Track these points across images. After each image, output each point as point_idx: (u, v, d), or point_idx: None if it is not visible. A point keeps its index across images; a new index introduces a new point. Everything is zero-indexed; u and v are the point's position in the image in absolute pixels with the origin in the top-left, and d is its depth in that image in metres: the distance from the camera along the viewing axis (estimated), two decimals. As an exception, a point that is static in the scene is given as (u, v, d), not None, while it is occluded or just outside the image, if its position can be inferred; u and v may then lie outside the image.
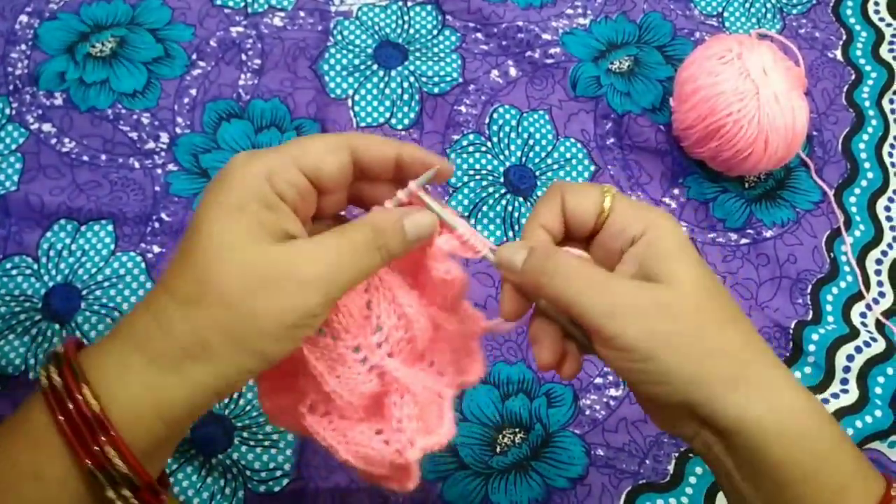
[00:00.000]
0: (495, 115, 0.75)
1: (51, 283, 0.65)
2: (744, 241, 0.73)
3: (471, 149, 0.74)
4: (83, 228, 0.67)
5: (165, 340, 0.36)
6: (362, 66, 0.76)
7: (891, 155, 0.77)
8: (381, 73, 0.76)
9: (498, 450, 0.64)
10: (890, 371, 0.68)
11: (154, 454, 0.37)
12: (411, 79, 0.76)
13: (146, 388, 0.36)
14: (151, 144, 0.71)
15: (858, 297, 0.72)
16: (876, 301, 0.72)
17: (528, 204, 0.72)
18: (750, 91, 0.67)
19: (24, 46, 0.73)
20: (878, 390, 0.67)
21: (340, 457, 0.42)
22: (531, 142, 0.74)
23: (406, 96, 0.75)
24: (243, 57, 0.75)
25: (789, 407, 0.38)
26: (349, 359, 0.41)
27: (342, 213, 0.45)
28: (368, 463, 0.41)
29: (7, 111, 0.71)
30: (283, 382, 0.44)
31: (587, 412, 0.65)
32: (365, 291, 0.42)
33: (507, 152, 0.74)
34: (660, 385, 0.38)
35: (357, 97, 0.75)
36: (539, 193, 0.72)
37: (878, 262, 0.73)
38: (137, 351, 0.36)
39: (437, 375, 0.45)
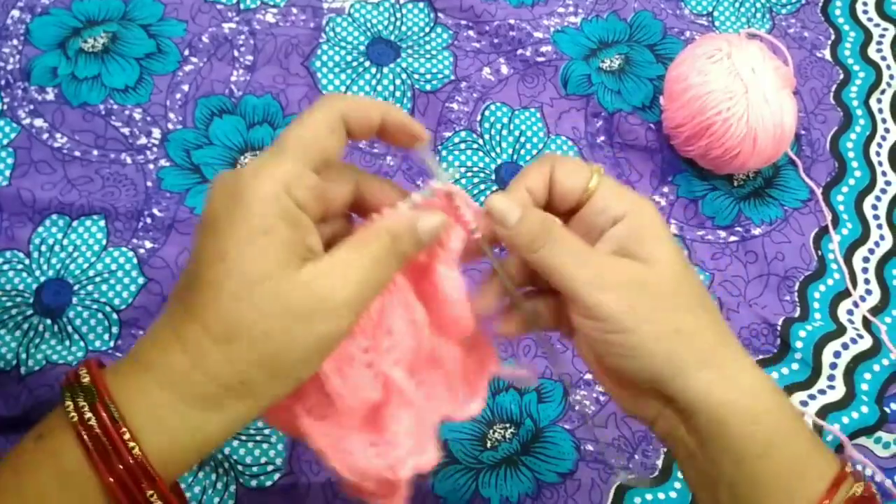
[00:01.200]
0: (487, 113, 0.75)
1: (42, 278, 0.65)
2: (732, 238, 0.73)
3: (462, 146, 0.74)
4: (75, 223, 0.67)
5: (206, 381, 0.36)
6: (354, 63, 0.76)
7: (878, 154, 0.78)
8: (373, 70, 0.76)
9: (488, 445, 0.64)
10: (876, 367, 0.69)
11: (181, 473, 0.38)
12: (403, 76, 0.76)
13: (186, 430, 0.36)
14: (143, 140, 0.71)
15: (845, 294, 0.72)
16: (863, 298, 0.72)
17: (520, 201, 0.72)
18: (739, 90, 0.68)
19: (15, 41, 0.73)
20: (865, 387, 0.68)
21: (331, 464, 0.41)
22: (522, 139, 0.75)
23: (398, 93, 0.75)
24: (235, 53, 0.75)
25: (750, 388, 0.41)
26: (358, 360, 0.40)
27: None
28: (358, 475, 0.41)
29: (-2, 106, 0.71)
30: None
31: (577, 407, 0.66)
32: (380, 294, 0.41)
33: (498, 149, 0.74)
34: (631, 359, 0.40)
35: (349, 93, 0.75)
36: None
37: (865, 259, 0.74)
38: (173, 390, 0.36)
39: (426, 400, 0.44)
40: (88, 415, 0.35)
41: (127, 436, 0.34)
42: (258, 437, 0.62)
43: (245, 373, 0.36)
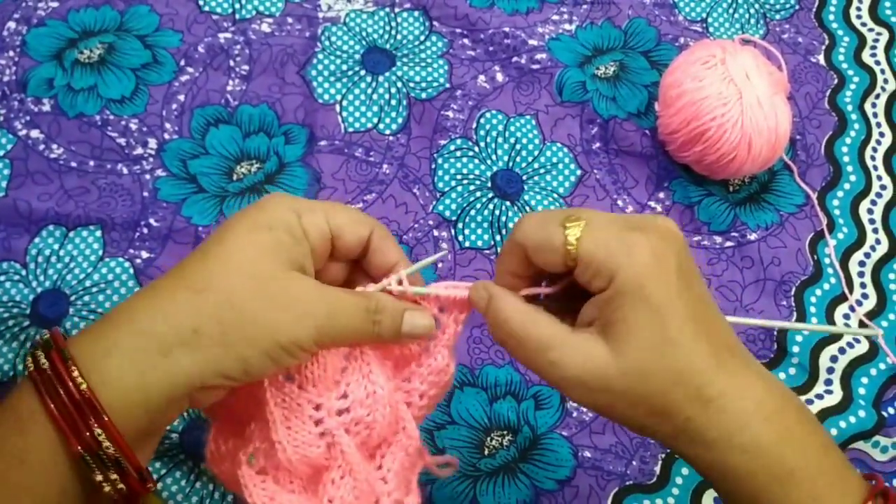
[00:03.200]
0: (482, 121, 0.76)
1: (39, 289, 0.65)
2: (728, 243, 0.74)
3: (458, 153, 0.74)
4: (71, 234, 0.67)
5: (162, 322, 0.37)
6: (350, 72, 0.76)
7: (873, 158, 0.78)
8: (368, 78, 0.76)
9: (486, 452, 0.64)
10: (873, 372, 0.69)
11: (137, 444, 0.37)
12: (399, 84, 0.76)
13: (132, 368, 0.37)
14: (140, 150, 0.71)
15: (842, 298, 0.72)
16: (859, 303, 0.72)
17: (516, 208, 0.72)
18: (733, 95, 0.68)
19: (11, 53, 0.73)
20: (862, 391, 0.68)
21: None
22: (518, 146, 0.75)
23: (394, 101, 0.76)
24: (231, 63, 0.75)
25: (729, 449, 0.39)
26: (306, 413, 0.41)
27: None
28: None
29: (-5, 117, 0.71)
30: (233, 427, 0.44)
31: (574, 414, 0.66)
32: (345, 357, 0.43)
33: (494, 157, 0.75)
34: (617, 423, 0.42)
35: (345, 102, 0.75)
36: (526, 198, 0.73)
37: (861, 264, 0.74)
38: (132, 332, 0.37)
39: (381, 481, 0.44)
40: (43, 361, 0.36)
41: (75, 373, 0.35)
42: (255, 447, 0.62)
43: (201, 322, 0.37)
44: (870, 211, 0.76)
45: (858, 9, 0.85)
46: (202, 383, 0.38)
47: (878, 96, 0.81)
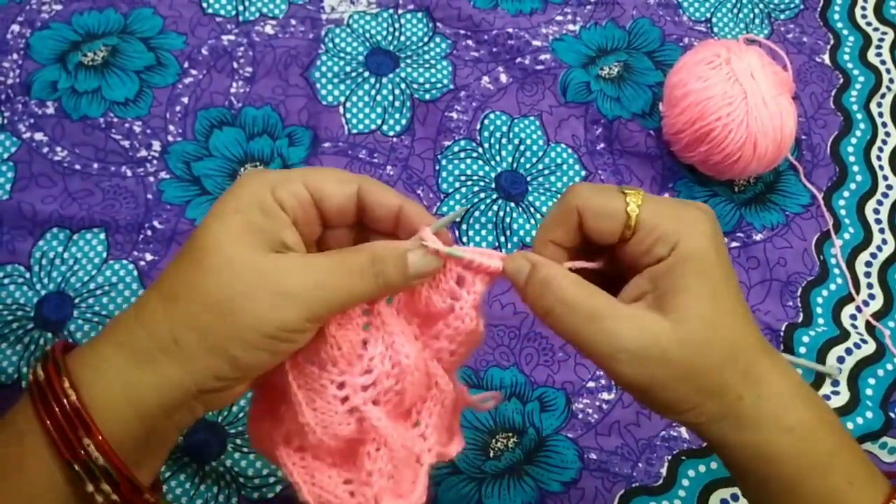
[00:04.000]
0: (486, 122, 0.75)
1: (43, 292, 0.65)
2: (734, 244, 0.73)
3: (462, 155, 0.74)
4: (75, 237, 0.67)
5: (145, 335, 0.37)
6: (354, 74, 0.76)
7: (879, 158, 0.78)
8: (372, 80, 0.76)
9: (491, 454, 0.64)
10: (881, 372, 0.68)
11: (136, 454, 0.37)
12: (402, 85, 0.76)
13: (121, 382, 0.36)
14: (143, 152, 0.71)
15: (848, 299, 0.72)
16: (866, 303, 0.72)
17: (520, 209, 0.72)
18: (738, 95, 0.68)
19: (15, 56, 0.73)
20: (869, 392, 0.68)
21: (303, 496, 0.41)
22: (522, 147, 0.75)
23: (397, 103, 0.76)
24: (235, 65, 0.75)
25: (776, 429, 0.38)
26: (329, 393, 0.40)
27: None
28: None
29: (-1, 120, 0.71)
30: (271, 408, 0.43)
31: (580, 416, 0.66)
32: (364, 329, 0.41)
33: (498, 158, 0.74)
34: (655, 409, 0.40)
35: (349, 104, 0.75)
36: (530, 199, 0.73)
37: (868, 264, 0.74)
38: (117, 346, 0.37)
39: (420, 438, 0.43)
40: (40, 372, 0.37)
41: (66, 384, 0.35)
42: (260, 449, 0.62)
43: (178, 332, 0.36)
44: (876, 211, 0.76)
45: (864, 8, 0.85)
46: (197, 388, 0.37)
47: (883, 96, 0.81)
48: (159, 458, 0.40)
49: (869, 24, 0.84)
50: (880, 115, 0.80)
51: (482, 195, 0.73)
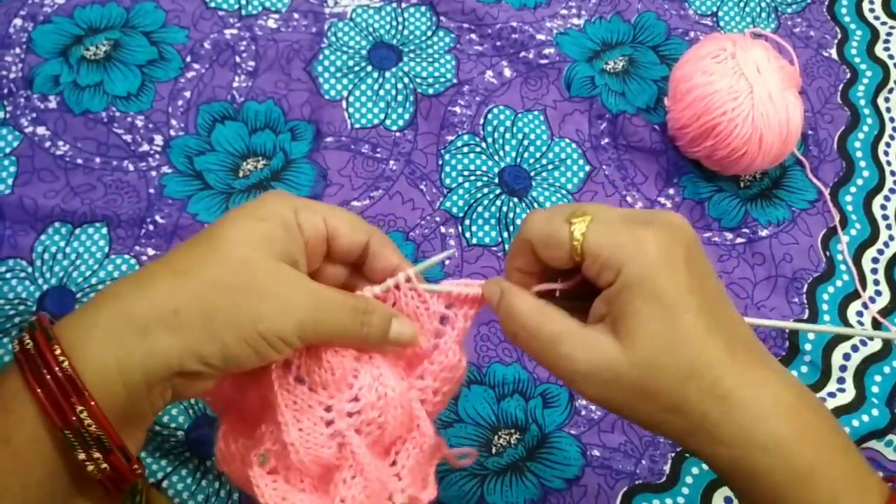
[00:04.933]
0: (490, 116, 0.75)
1: (45, 286, 0.65)
2: (739, 240, 0.73)
3: (465, 149, 0.74)
4: (77, 231, 0.67)
5: (144, 303, 0.37)
6: (356, 68, 0.76)
7: (886, 153, 0.77)
8: (375, 74, 0.76)
9: (493, 451, 0.64)
10: (887, 370, 0.68)
11: (121, 428, 0.37)
12: (406, 80, 0.76)
13: (113, 349, 0.36)
14: (146, 147, 0.71)
15: (854, 295, 0.71)
16: (872, 300, 0.71)
17: (524, 204, 0.72)
18: (744, 90, 0.67)
19: (18, 50, 0.73)
20: (875, 389, 0.67)
21: None
22: (526, 142, 0.74)
23: (400, 97, 0.75)
24: (237, 59, 0.75)
25: (748, 445, 0.38)
26: (317, 414, 0.41)
27: None
28: None
29: (1, 115, 0.71)
30: (243, 428, 0.44)
31: (583, 412, 0.65)
32: (355, 360, 0.43)
33: (501, 153, 0.74)
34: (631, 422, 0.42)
35: (351, 98, 0.75)
36: (534, 194, 0.72)
37: (875, 260, 0.73)
38: (113, 312, 0.37)
39: (395, 478, 0.44)
40: (28, 341, 0.36)
41: (57, 351, 0.35)
42: (261, 445, 0.62)
43: (181, 303, 0.37)
44: (883, 207, 0.75)
45: (871, 2, 0.84)
46: (180, 367, 0.37)
47: (891, 90, 0.80)
48: (136, 438, 0.40)
49: (877, 17, 0.84)
50: (888, 109, 0.79)
51: (485, 190, 0.72)
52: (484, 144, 0.74)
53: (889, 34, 0.82)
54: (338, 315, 0.41)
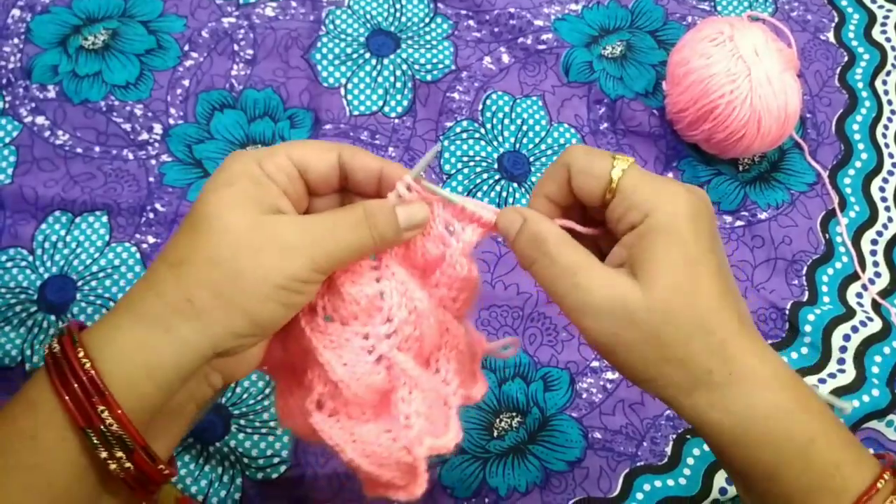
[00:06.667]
0: (488, 102, 0.75)
1: (46, 275, 0.65)
2: (739, 223, 0.73)
3: (464, 135, 0.74)
4: (78, 220, 0.67)
5: (156, 300, 0.37)
6: (355, 55, 0.76)
7: (884, 136, 0.77)
8: (373, 61, 0.76)
9: (495, 434, 0.64)
10: (887, 350, 0.68)
11: (151, 424, 0.38)
12: (404, 66, 0.76)
13: (136, 349, 0.37)
14: (145, 136, 0.71)
15: (854, 277, 0.72)
16: (872, 281, 0.72)
17: (523, 189, 0.72)
18: (742, 72, 0.67)
19: (16, 40, 0.73)
20: (875, 370, 0.67)
21: (346, 456, 0.41)
22: (525, 128, 0.74)
23: (399, 84, 0.75)
24: (235, 47, 0.75)
25: (751, 412, 0.38)
26: (357, 345, 0.41)
27: None
28: (375, 462, 0.41)
29: (0, 105, 0.71)
30: (295, 383, 0.44)
31: (584, 395, 0.65)
32: (377, 281, 0.42)
33: (500, 138, 0.74)
34: (624, 374, 0.40)
35: (350, 85, 0.75)
36: (533, 179, 0.72)
37: (874, 242, 0.73)
38: (129, 314, 0.38)
39: (443, 383, 0.44)
40: (55, 346, 0.37)
41: (81, 354, 0.36)
42: (264, 430, 0.62)
43: (190, 292, 0.37)
44: (882, 189, 0.75)
45: (869, -15, 0.84)
46: (214, 349, 0.38)
47: (889, 73, 0.80)
48: (174, 433, 0.41)
49: (874, 1, 0.84)
50: (886, 92, 0.79)
51: (485, 176, 0.72)
52: (483, 130, 0.74)
53: (886, 17, 0.83)
54: (342, 233, 0.40)
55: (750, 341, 0.39)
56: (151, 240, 0.67)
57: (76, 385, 0.36)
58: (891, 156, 0.76)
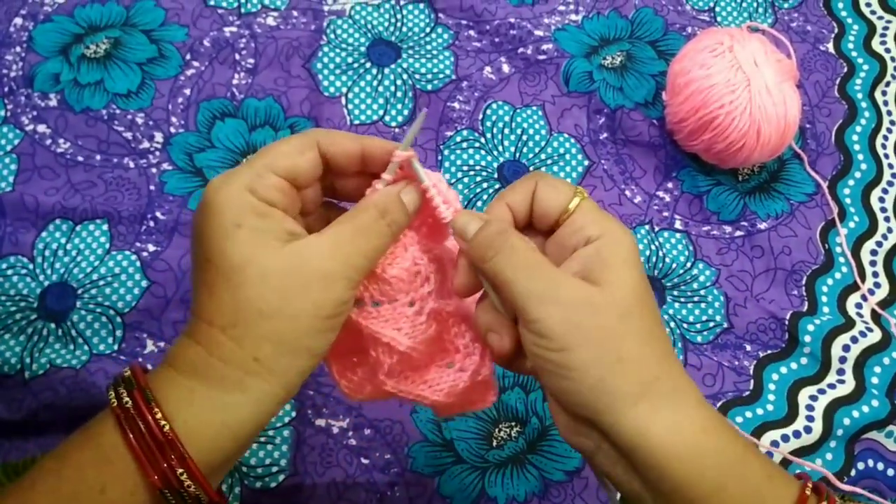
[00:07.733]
0: (489, 112, 0.75)
1: (46, 283, 0.65)
2: (738, 233, 0.73)
3: (464, 145, 0.74)
4: (78, 228, 0.67)
5: (223, 365, 0.38)
6: (355, 65, 0.76)
7: (884, 147, 0.78)
8: (374, 70, 0.76)
9: (494, 444, 0.64)
10: (886, 361, 0.68)
11: (217, 471, 0.39)
12: (404, 76, 0.76)
13: (214, 409, 0.38)
14: (146, 144, 0.71)
15: (853, 287, 0.72)
16: (871, 292, 0.72)
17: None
18: (741, 83, 0.68)
19: (18, 49, 0.73)
20: (875, 380, 0.67)
21: (429, 400, 0.45)
22: (525, 137, 0.75)
23: (399, 94, 0.75)
24: (237, 56, 0.75)
25: (691, 425, 0.38)
26: (409, 314, 0.44)
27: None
28: (455, 394, 0.45)
29: (2, 113, 0.71)
30: (351, 360, 0.47)
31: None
32: (405, 250, 0.44)
33: (500, 148, 0.74)
34: (568, 381, 0.38)
35: (350, 95, 0.75)
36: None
37: (873, 252, 0.73)
38: (197, 378, 0.38)
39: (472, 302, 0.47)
40: (126, 399, 0.37)
41: (159, 415, 0.36)
42: (262, 439, 0.62)
43: (254, 351, 0.38)
44: (881, 199, 0.75)
45: (868, -3, 0.85)
46: (287, 392, 0.39)
47: (888, 84, 0.80)
48: (229, 468, 0.42)
49: (873, 12, 0.84)
50: (885, 103, 0.79)
51: (485, 185, 0.72)
52: (483, 140, 0.74)
53: (886, 28, 0.83)
54: (366, 242, 0.41)
55: (675, 378, 0.40)
56: (152, 248, 0.67)
57: (153, 444, 0.36)
58: (890, 166, 0.77)
